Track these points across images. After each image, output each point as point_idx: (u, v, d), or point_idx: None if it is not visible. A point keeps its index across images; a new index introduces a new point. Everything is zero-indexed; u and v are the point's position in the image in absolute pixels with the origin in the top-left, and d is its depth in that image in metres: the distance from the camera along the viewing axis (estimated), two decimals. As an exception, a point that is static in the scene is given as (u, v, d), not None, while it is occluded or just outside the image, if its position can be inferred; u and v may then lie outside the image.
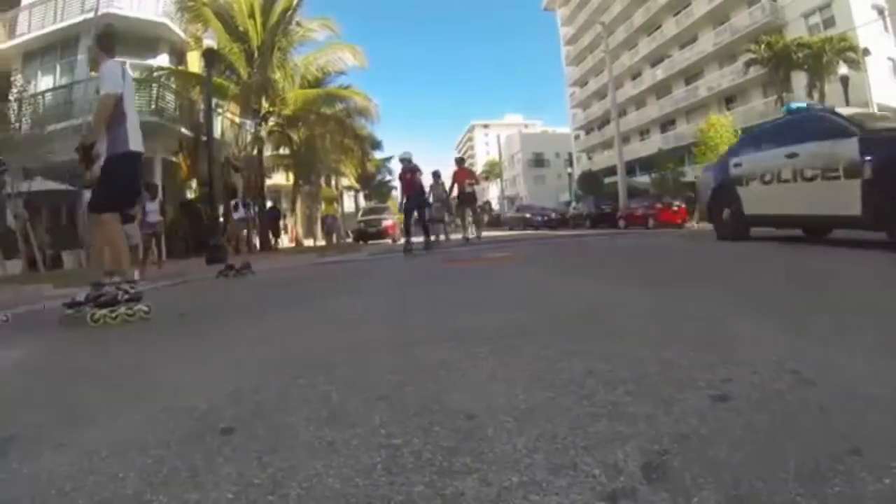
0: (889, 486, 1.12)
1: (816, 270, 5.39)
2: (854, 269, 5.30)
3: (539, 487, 1.21)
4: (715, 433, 1.44)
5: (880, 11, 32.17)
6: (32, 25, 20.04)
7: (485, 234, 19.82)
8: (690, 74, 45.20)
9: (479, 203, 21.26)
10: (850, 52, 26.99)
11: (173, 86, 19.88)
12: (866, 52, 27.02)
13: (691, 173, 34.16)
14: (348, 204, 41.11)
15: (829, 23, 31.70)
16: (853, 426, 1.44)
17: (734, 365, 2.04)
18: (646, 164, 44.22)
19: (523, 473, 1.28)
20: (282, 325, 4.07)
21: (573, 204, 39.51)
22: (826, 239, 8.55)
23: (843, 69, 23.89)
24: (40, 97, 18.00)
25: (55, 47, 20.07)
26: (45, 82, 19.83)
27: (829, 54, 27.12)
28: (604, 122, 56.21)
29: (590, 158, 62.36)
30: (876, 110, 28.20)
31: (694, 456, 1.31)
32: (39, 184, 14.52)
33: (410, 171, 13.91)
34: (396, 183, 16.89)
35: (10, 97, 14.62)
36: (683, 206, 24.95)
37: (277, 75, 20.72)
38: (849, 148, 6.80)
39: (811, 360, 2.07)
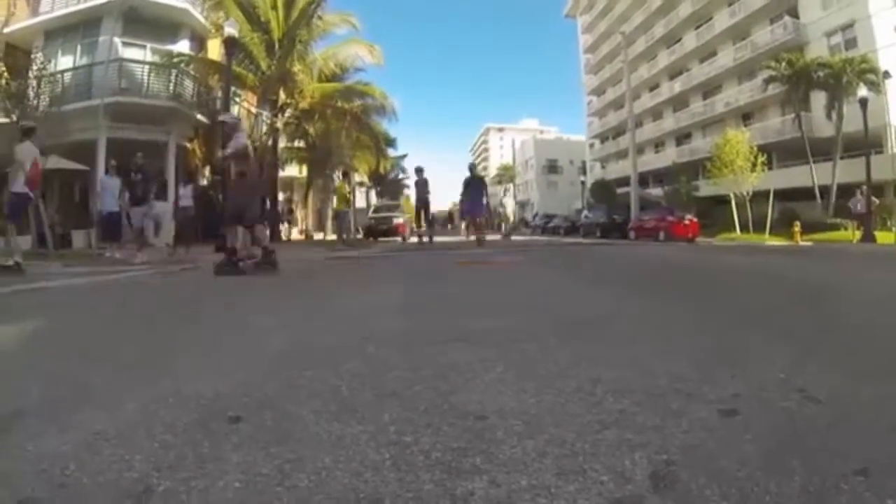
0: (893, 507, 1.12)
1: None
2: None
3: (548, 492, 1.22)
4: (722, 446, 1.45)
5: (902, 34, 31.96)
6: (56, 4, 20.08)
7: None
8: (709, 89, 44.93)
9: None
10: (871, 74, 26.79)
11: (192, 72, 19.92)
12: (887, 74, 26.77)
13: (705, 188, 34.03)
14: (360, 200, 41.02)
15: (850, 44, 31.44)
16: (860, 446, 1.44)
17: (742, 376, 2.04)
18: (659, 176, 44.08)
19: (532, 477, 1.29)
20: (293, 317, 4.08)
21: (584, 212, 39.29)
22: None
23: (862, 91, 23.69)
24: (59, 76, 18.06)
25: (77, 27, 20.06)
26: (64, 62, 19.84)
27: (850, 75, 26.91)
28: (619, 131, 55.91)
29: (603, 167, 62.11)
30: (894, 133, 28.17)
31: (701, 468, 1.31)
32: (54, 162, 14.58)
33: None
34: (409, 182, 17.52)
35: (31, 74, 14.67)
36: (695, 220, 24.84)
37: (297, 67, 20.73)
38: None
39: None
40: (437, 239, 17.82)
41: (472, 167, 17.41)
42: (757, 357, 2.46)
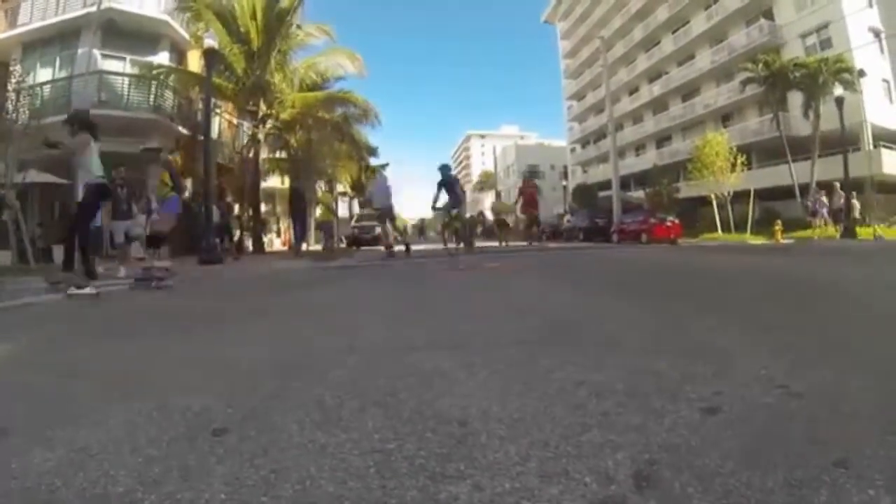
0: (874, 498, 1.15)
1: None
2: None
3: (531, 494, 1.23)
4: (705, 444, 1.47)
5: (876, 34, 32.47)
6: (34, 16, 19.88)
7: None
8: (687, 91, 45.38)
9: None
10: (846, 74, 27.17)
11: (172, 84, 19.82)
12: (862, 73, 27.25)
13: (686, 189, 34.31)
14: (342, 209, 40.85)
15: (825, 44, 31.96)
16: (840, 438, 1.47)
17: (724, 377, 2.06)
18: (640, 178, 44.36)
19: (515, 480, 1.29)
20: (278, 328, 4.06)
21: (567, 217, 39.42)
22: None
23: (838, 90, 24.01)
24: (38, 88, 17.91)
25: (56, 39, 19.91)
26: (43, 74, 19.69)
27: (826, 75, 27.27)
28: (600, 135, 56.26)
29: (585, 172, 62.40)
30: (870, 131, 28.61)
31: (684, 465, 1.33)
32: (33, 175, 14.44)
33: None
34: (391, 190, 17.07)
35: (9, 87, 14.52)
36: (677, 221, 25.01)
37: (276, 78, 20.66)
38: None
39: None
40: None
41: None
42: (739, 355, 2.48)
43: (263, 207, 25.08)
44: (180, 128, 19.96)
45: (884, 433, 1.50)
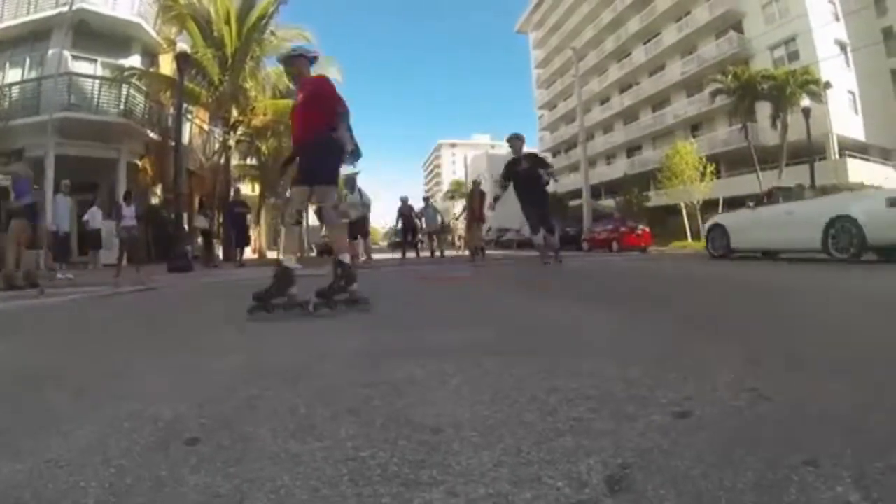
0: (842, 495, 1.18)
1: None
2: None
3: (505, 500, 1.23)
4: (676, 447, 1.49)
5: (842, 47, 33.34)
6: (5, 15, 19.48)
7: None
8: (658, 101, 46.05)
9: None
10: (813, 85, 27.81)
11: (144, 88, 19.54)
12: (828, 85, 27.96)
13: (656, 198, 34.75)
14: (313, 218, 40.32)
15: (793, 56, 32.76)
16: (809, 438, 1.50)
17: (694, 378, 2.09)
18: (611, 187, 44.87)
19: (489, 486, 1.29)
20: (250, 335, 4.02)
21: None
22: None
23: (805, 101, 24.59)
24: (7, 90, 17.57)
25: (26, 39, 19.50)
26: (13, 74, 19.29)
27: (793, 86, 27.87)
28: (571, 145, 56.70)
29: (556, 181, 62.79)
30: (836, 141, 29.29)
31: (656, 469, 1.35)
32: None
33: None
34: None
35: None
36: (648, 229, 25.30)
37: (249, 84, 20.49)
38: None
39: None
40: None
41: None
42: (709, 359, 2.51)
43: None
44: (150, 132, 19.69)
45: (851, 432, 1.53)
